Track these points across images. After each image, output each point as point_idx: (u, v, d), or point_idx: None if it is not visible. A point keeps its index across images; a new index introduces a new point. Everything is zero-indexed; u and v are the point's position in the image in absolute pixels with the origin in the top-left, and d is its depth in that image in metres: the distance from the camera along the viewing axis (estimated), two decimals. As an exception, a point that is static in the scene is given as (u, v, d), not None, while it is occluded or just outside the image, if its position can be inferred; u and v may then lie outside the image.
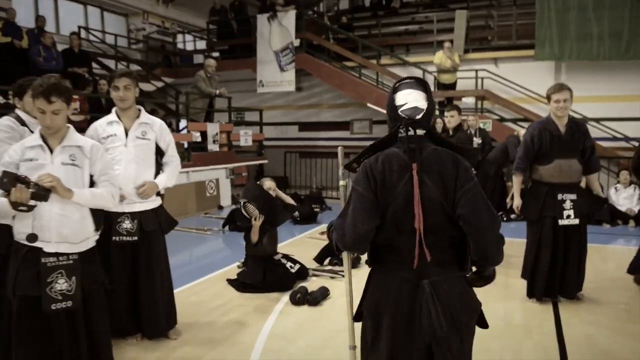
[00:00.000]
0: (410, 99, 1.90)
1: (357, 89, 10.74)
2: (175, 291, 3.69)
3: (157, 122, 3.45)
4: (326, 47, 11.52)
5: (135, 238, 3.28)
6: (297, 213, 7.74)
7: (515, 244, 4.81)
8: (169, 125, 9.58)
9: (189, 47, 14.57)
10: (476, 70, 10.18)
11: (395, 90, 1.95)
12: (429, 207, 1.81)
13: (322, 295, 4.16)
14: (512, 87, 10.12)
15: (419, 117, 1.87)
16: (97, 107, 7.48)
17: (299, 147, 12.20)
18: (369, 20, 13.17)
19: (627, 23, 9.52)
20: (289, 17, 10.96)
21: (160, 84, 11.16)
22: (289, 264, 4.66)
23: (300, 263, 4.78)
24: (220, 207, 9.02)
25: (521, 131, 7.85)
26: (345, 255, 2.27)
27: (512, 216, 7.48)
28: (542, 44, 10.01)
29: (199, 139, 8.63)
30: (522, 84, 10.00)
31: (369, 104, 10.57)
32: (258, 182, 4.67)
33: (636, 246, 5.31)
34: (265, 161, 11.06)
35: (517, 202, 4.17)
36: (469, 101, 10.10)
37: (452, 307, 1.83)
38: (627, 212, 7.57)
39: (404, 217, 1.82)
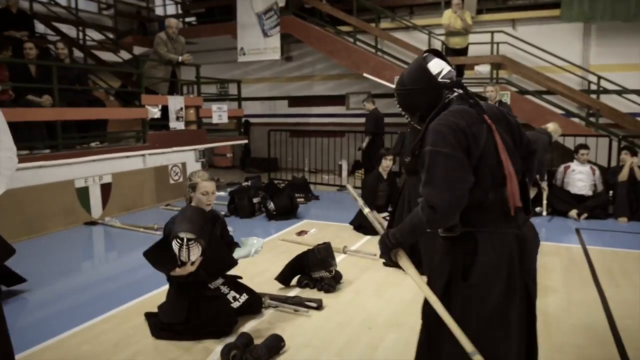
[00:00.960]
0: (443, 65, 1.96)
1: (351, 57, 9.23)
2: (64, 335, 2.96)
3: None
4: (317, 8, 9.95)
5: None
6: (272, 206, 6.36)
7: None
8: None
9: (167, 11, 12.99)
10: (492, 33, 8.61)
11: (424, 62, 1.97)
12: (510, 154, 1.88)
13: (268, 350, 2.78)
14: (533, 54, 8.56)
15: (459, 78, 2.16)
16: (25, 77, 6.04)
17: (289, 125, 10.79)
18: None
19: (672, -24, 7.92)
20: (272, -27, 9.41)
21: (131, 54, 9.63)
22: (231, 294, 3.29)
23: (249, 292, 3.40)
24: (188, 197, 7.62)
25: (550, 125, 6.38)
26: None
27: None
28: (569, 2, 8.41)
29: (158, 115, 7.19)
30: (545, 49, 8.44)
31: (365, 74, 9.06)
32: (191, 182, 3.22)
33: None
34: (245, 141, 9.62)
35: None
36: (483, 70, 8.57)
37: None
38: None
39: (495, 167, 1.85)
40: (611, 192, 6.53)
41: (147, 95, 7.15)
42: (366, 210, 2.30)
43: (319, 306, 3.51)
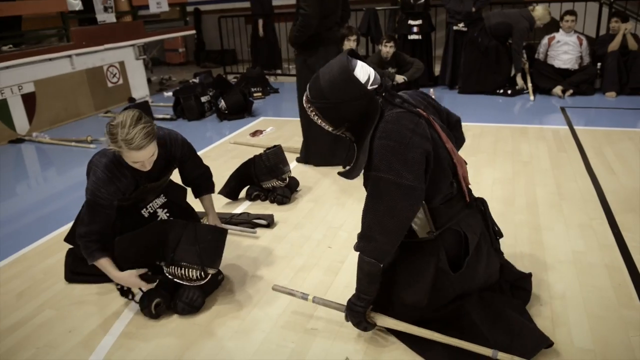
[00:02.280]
0: (369, 71, 1.76)
1: None
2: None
3: None
4: None
5: None
6: (223, 104, 5.61)
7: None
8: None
9: None
10: None
11: (350, 69, 1.72)
12: (448, 138, 1.87)
13: (203, 291, 2.24)
14: None
15: (381, 81, 1.79)
16: None
17: (243, 10, 9.56)
18: None
19: None
20: None
21: None
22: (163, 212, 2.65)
23: (192, 216, 2.75)
24: (132, 100, 6.77)
25: (538, 9, 5.60)
26: None
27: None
28: None
29: (80, 7, 6.06)
30: None
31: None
32: (113, 140, 1.98)
33: None
34: (193, 32, 8.50)
35: None
36: None
37: None
38: (676, 75, 5.55)
39: (448, 158, 1.82)
40: (599, 64, 5.89)
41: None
42: None
43: (270, 223, 2.96)
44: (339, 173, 1.91)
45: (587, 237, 2.62)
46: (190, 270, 2.13)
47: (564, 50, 5.91)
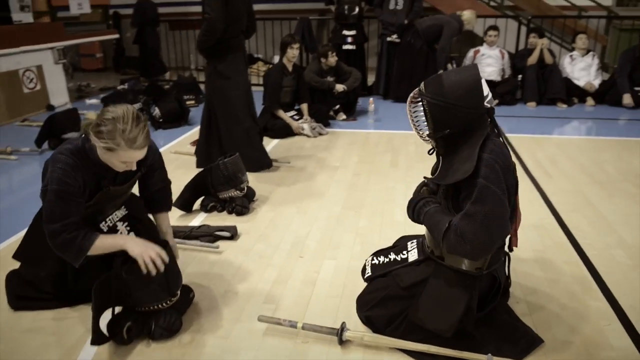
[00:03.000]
0: (488, 89, 1.78)
1: None
2: None
3: None
4: None
5: None
6: (157, 112, 5.34)
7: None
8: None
9: None
10: None
11: (479, 80, 1.74)
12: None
13: (178, 310, 2.08)
14: None
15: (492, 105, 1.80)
16: None
17: (167, 16, 9.21)
18: None
19: None
20: None
21: None
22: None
23: (151, 229, 2.56)
24: (51, 107, 6.24)
25: (465, 13, 5.96)
26: None
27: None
28: None
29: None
30: None
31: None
32: (106, 132, 1.79)
33: (596, 136, 4.86)
34: (116, 36, 8.05)
35: None
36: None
37: None
38: (586, 88, 6.11)
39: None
40: (520, 76, 6.35)
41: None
42: None
43: (233, 235, 2.84)
44: (429, 179, 1.90)
45: (542, 237, 2.78)
46: (156, 305, 1.97)
47: (488, 63, 6.30)
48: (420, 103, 1.80)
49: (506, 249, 1.97)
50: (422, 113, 1.81)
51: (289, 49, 4.87)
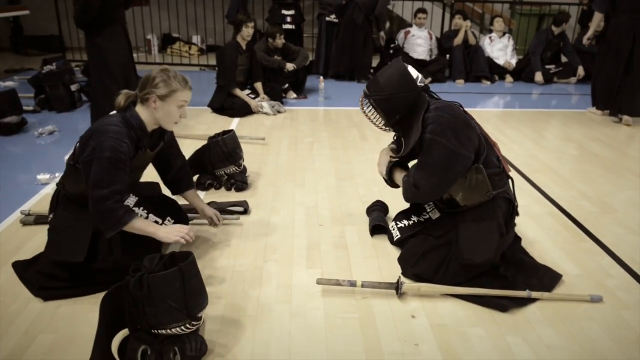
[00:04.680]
0: (416, 72, 2.14)
1: None
2: None
3: None
4: None
5: None
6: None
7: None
8: None
9: None
10: None
11: (404, 68, 2.11)
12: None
13: (202, 340, 1.74)
14: None
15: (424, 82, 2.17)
16: None
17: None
18: None
19: None
20: None
21: None
22: (151, 219, 2.33)
23: (173, 210, 2.44)
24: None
25: None
26: None
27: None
28: None
29: None
30: None
31: None
32: (162, 82, 2.03)
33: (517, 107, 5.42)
34: (26, 12, 7.28)
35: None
36: None
37: None
38: (505, 66, 6.78)
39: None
40: (447, 56, 6.85)
41: None
42: None
43: (246, 209, 2.87)
44: (393, 158, 2.24)
45: (523, 196, 3.16)
46: (174, 328, 1.65)
47: (418, 44, 6.73)
48: (368, 102, 2.15)
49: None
50: (373, 110, 2.15)
51: (244, 27, 4.83)
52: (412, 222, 2.42)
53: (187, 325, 1.67)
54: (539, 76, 6.58)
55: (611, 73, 4.82)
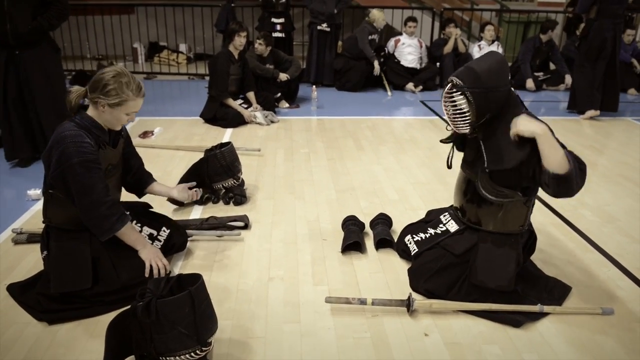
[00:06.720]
0: None
1: None
2: None
3: None
4: None
5: None
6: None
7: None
8: None
9: None
10: None
11: (505, 61, 1.98)
12: None
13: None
14: None
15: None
16: None
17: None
18: None
19: None
20: None
21: None
22: (146, 231, 2.31)
23: (169, 223, 2.43)
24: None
25: (372, 12, 6.30)
26: None
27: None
28: None
29: None
30: None
31: None
32: (110, 87, 1.94)
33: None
34: None
35: None
36: None
37: None
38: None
39: None
40: (438, 64, 6.87)
41: None
42: None
43: (247, 224, 2.80)
44: (487, 168, 2.00)
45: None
46: (183, 355, 1.59)
47: (409, 52, 6.73)
48: (463, 96, 1.88)
49: None
50: (464, 105, 1.89)
51: (236, 37, 4.77)
52: (429, 234, 2.34)
53: (197, 351, 1.61)
54: (530, 83, 6.63)
55: (593, 73, 5.20)
